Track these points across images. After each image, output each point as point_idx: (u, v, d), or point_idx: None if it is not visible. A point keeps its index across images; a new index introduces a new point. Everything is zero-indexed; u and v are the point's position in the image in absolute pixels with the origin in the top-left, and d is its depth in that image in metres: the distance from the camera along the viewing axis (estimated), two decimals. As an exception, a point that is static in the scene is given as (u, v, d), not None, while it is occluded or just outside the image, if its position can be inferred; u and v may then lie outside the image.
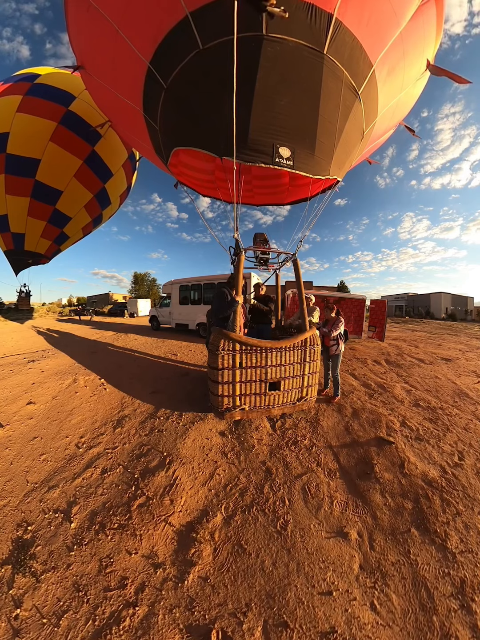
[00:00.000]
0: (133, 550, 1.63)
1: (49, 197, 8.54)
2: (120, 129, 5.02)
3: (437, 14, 2.99)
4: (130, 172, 9.89)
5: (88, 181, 8.70)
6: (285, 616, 1.32)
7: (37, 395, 3.65)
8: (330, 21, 2.52)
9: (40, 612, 1.34)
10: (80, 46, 3.54)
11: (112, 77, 3.47)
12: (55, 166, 7.97)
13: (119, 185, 9.86)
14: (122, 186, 10.05)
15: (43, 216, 8.92)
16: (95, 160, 8.37)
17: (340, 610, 1.36)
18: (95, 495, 2.02)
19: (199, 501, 1.99)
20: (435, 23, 3.06)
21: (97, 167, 8.56)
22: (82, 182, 8.59)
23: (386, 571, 1.55)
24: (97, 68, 3.57)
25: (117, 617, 1.31)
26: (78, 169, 8.23)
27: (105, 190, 9.40)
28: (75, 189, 8.67)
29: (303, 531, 1.76)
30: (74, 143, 7.80)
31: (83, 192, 8.89)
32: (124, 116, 4.11)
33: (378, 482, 2.17)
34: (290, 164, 2.77)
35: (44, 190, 8.30)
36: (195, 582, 1.47)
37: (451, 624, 1.30)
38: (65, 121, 7.61)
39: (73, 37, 3.49)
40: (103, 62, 3.39)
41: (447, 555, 1.63)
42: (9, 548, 1.65)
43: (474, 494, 2.08)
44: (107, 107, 4.38)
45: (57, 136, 7.60)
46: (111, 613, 1.33)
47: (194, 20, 2.49)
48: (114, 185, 9.55)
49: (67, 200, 8.82)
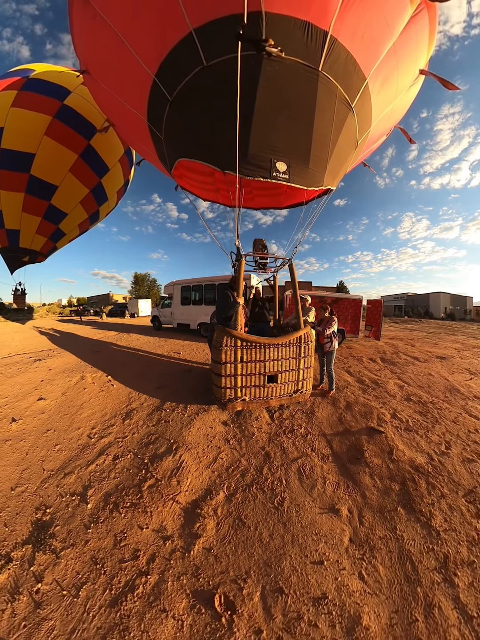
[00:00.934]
0: (144, 525, 1.78)
1: (44, 192, 8.33)
2: (123, 133, 5.09)
3: (430, 21, 3.01)
4: (127, 167, 9.66)
5: (84, 176, 8.51)
6: (280, 583, 1.44)
7: (47, 392, 3.80)
8: (325, 38, 2.63)
9: (60, 585, 1.44)
10: (84, 51, 3.54)
11: (117, 85, 3.55)
12: (50, 160, 7.79)
13: (116, 181, 9.66)
14: (119, 182, 9.83)
15: (38, 212, 8.71)
16: (91, 155, 8.20)
17: (331, 579, 1.48)
18: (109, 479, 2.19)
19: (203, 481, 2.17)
20: (428, 31, 3.09)
21: (93, 162, 8.39)
22: (78, 176, 8.41)
23: (374, 544, 1.68)
24: (102, 74, 3.63)
25: (132, 585, 1.43)
26: (73, 164, 8.06)
27: (102, 186, 9.21)
28: (71, 184, 8.46)
29: (298, 507, 1.93)
30: (69, 137, 7.65)
31: (79, 187, 8.70)
32: (127, 122, 4.20)
33: (368, 466, 2.35)
34: (286, 177, 2.94)
35: (38, 185, 8.10)
36: (200, 552, 1.62)
37: (434, 595, 1.38)
38: (61, 115, 7.45)
39: (77, 41, 3.48)
40: (108, 69, 3.46)
41: (431, 533, 1.74)
42: (28, 529, 1.77)
43: (459, 479, 2.21)
44: (110, 111, 4.43)
45: (52, 130, 7.45)
46: (126, 582, 1.46)
47: (197, 37, 2.60)
48: (111, 180, 9.34)
49: (63, 196, 8.61)
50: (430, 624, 1.27)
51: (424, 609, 1.33)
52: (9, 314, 16.07)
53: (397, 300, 43.16)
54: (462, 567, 1.52)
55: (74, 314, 25.19)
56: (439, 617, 1.29)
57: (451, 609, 1.32)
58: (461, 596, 1.38)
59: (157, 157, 4.19)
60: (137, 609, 1.31)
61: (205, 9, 2.52)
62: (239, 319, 3.07)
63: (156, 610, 1.31)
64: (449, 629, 1.25)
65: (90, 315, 26.00)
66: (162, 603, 1.35)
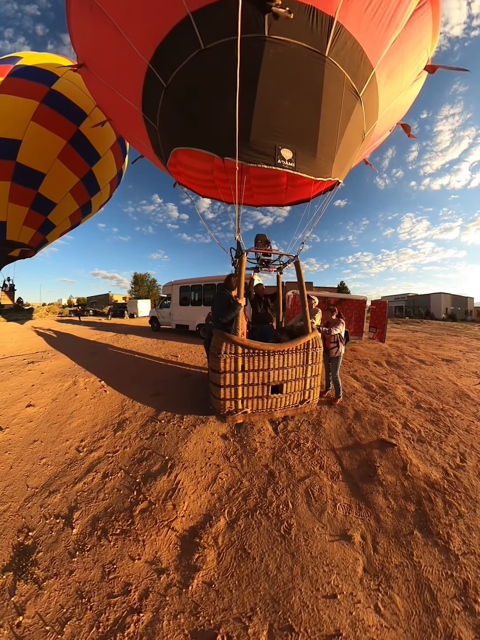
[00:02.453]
0: (136, 555, 1.62)
1: (31, 181, 7.85)
2: (121, 128, 4.96)
3: (433, 16, 2.99)
4: (120, 156, 9.27)
5: (73, 163, 7.91)
6: (290, 620, 1.32)
7: (37, 398, 3.62)
8: (331, 24, 2.53)
9: (43, 619, 1.32)
10: (81, 44, 3.49)
11: (113, 76, 3.45)
12: (37, 147, 7.28)
13: (108, 170, 9.25)
14: (111, 171, 9.41)
15: (25, 202, 8.23)
16: (80, 141, 7.65)
17: (345, 613, 1.36)
18: (97, 500, 2.01)
19: (202, 506, 1.99)
20: (432, 25, 3.08)
21: (83, 148, 7.82)
22: (67, 164, 7.81)
23: (390, 573, 1.55)
24: (98, 67, 3.54)
25: (122, 624, 1.30)
26: (62, 150, 7.52)
27: (93, 174, 8.75)
28: (60, 172, 7.86)
29: (307, 534, 1.75)
30: (57, 122, 7.29)
31: (68, 176, 8.11)
32: (123, 115, 4.09)
33: (381, 484, 2.17)
34: (292, 165, 2.77)
35: (25, 173, 7.65)
36: (200, 587, 1.46)
37: (454, 625, 1.30)
38: (48, 100, 7.09)
39: (75, 35, 3.42)
40: (104, 60, 3.37)
41: (449, 557, 1.63)
42: (10, 554, 1.64)
43: (476, 495, 2.08)
44: (107, 106, 4.35)
45: (39, 115, 6.99)
46: (115, 620, 1.32)
47: (195, 20, 2.48)
48: (103, 169, 8.93)
49: (51, 184, 8.00)
50: None
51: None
52: (8, 314, 15.89)
53: (398, 300, 43.09)
54: None
55: (72, 314, 25.04)
56: None
57: (472, 638, 1.25)
58: None
59: (152, 151, 4.02)
60: (128, 654, 1.15)
61: None
62: (239, 322, 2.82)
63: (149, 656, 1.15)
64: None
65: (89, 316, 25.84)
66: None
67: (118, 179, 10.27)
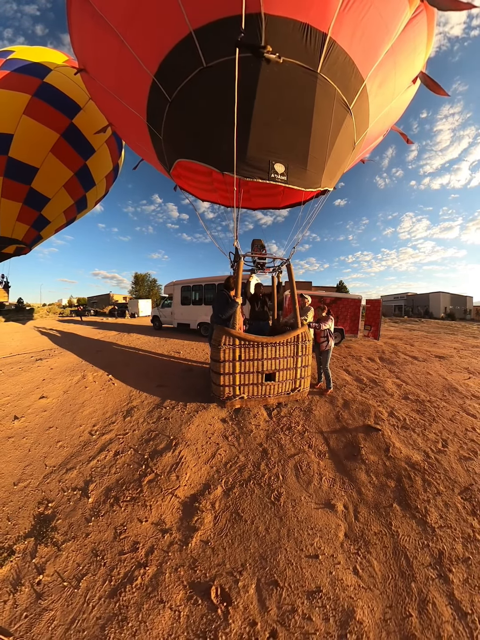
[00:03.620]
0: (144, 518, 1.82)
1: (23, 175, 7.52)
2: (122, 133, 5.06)
3: (428, 23, 2.96)
4: (115, 150, 8.86)
5: (67, 157, 7.67)
6: (276, 575, 1.45)
7: (48, 390, 3.84)
8: (324, 41, 2.62)
9: (62, 576, 1.46)
10: (82, 49, 3.50)
11: (116, 84, 3.52)
12: (29, 141, 7.08)
13: (104, 165, 8.86)
14: (107, 166, 9.00)
15: (18, 197, 7.88)
16: (74, 134, 7.42)
17: (326, 572, 1.47)
18: (110, 474, 2.23)
19: (202, 476, 2.21)
20: (426, 33, 3.08)
21: (76, 142, 7.57)
22: (60, 157, 7.56)
23: (369, 540, 1.68)
24: (100, 73, 3.55)
25: (130, 577, 1.45)
26: (55, 144, 7.30)
27: (88, 169, 8.38)
28: (53, 166, 7.61)
29: (294, 502, 1.95)
30: (50, 115, 6.98)
31: (62, 170, 7.86)
32: (126, 122, 4.17)
33: (364, 462, 2.37)
34: (284, 179, 2.96)
35: (18, 168, 7.34)
36: (198, 545, 1.64)
37: (429, 591, 1.37)
38: (40, 93, 6.78)
39: (75, 39, 3.45)
40: (106, 68, 3.38)
41: (426, 529, 1.73)
42: (31, 523, 1.79)
43: (455, 477, 2.21)
44: (109, 111, 4.40)
45: (31, 109, 6.78)
46: (125, 573, 1.48)
47: (197, 38, 2.60)
48: (98, 163, 8.56)
49: (44, 179, 7.76)
50: (424, 619, 1.26)
51: (418, 604, 1.33)
52: (9, 315, 16.03)
53: (397, 300, 43.09)
54: (457, 564, 1.52)
55: (74, 314, 25.27)
56: (433, 613, 1.29)
57: (445, 605, 1.32)
58: (455, 592, 1.37)
59: (156, 158, 4.20)
60: (136, 600, 1.34)
61: (205, 10, 2.53)
62: (237, 318, 3.12)
63: (154, 601, 1.33)
64: (443, 625, 1.24)
65: (90, 316, 26.07)
66: (159, 594, 1.36)
67: (114, 174, 9.83)
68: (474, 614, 1.29)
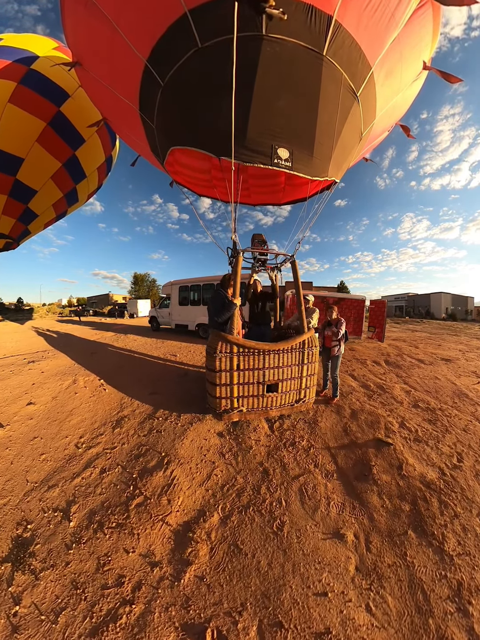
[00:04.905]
0: (130, 548, 1.64)
1: (8, 166, 7.19)
2: (117, 127, 4.92)
3: (434, 17, 2.96)
4: (108, 141, 8.43)
5: (54, 147, 7.30)
6: (280, 616, 1.32)
7: (37, 396, 3.67)
8: (329, 23, 2.51)
9: (39, 609, 1.35)
10: (76, 42, 3.41)
11: (109, 74, 3.41)
12: (14, 130, 6.76)
13: (95, 156, 8.41)
14: (98, 157, 8.55)
15: (2, 189, 7.49)
16: (62, 123, 7.07)
17: (336, 612, 1.35)
18: (94, 495, 2.04)
19: (196, 501, 2.01)
20: (432, 26, 3.04)
21: (64, 131, 7.21)
22: (47, 147, 7.20)
23: (382, 573, 1.54)
24: (94, 64, 3.48)
25: (114, 615, 1.32)
26: (41, 133, 6.96)
27: (77, 159, 7.92)
28: (39, 157, 7.24)
29: (299, 532, 1.76)
30: (36, 103, 6.64)
31: (49, 160, 7.46)
32: (120, 114, 4.05)
33: (376, 483, 2.18)
34: (288, 165, 2.77)
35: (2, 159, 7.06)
36: (192, 581, 1.48)
37: (447, 627, 1.28)
38: (27, 80, 6.46)
39: (69, 32, 3.37)
40: (100, 58, 3.27)
41: (444, 558, 1.62)
42: (8, 546, 1.67)
43: (472, 496, 2.07)
44: (103, 104, 4.29)
45: (16, 97, 6.45)
46: (108, 610, 1.34)
47: (192, 18, 2.47)
48: (88, 154, 8.12)
49: (30, 170, 7.38)
50: None
51: None
52: (8, 315, 15.95)
53: (398, 300, 42.94)
54: (476, 595, 1.42)
55: (73, 314, 25.18)
56: None
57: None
58: (475, 627, 1.28)
59: (149, 149, 4.03)
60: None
61: None
62: (235, 322, 2.84)
63: (140, 647, 1.16)
64: None
65: (89, 316, 25.95)
66: (147, 636, 1.24)
67: (107, 166, 9.24)
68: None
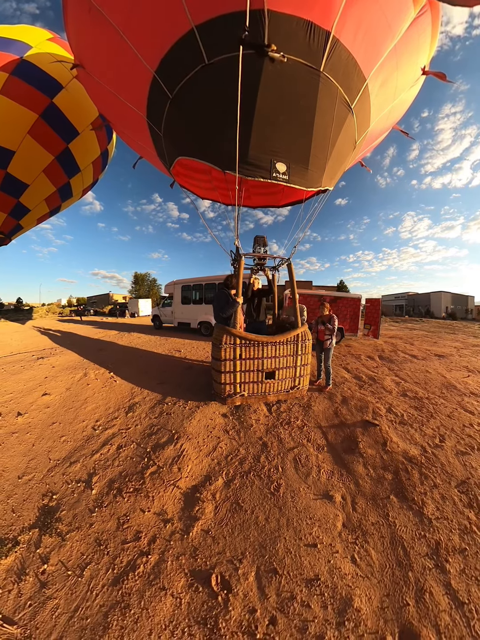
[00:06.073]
0: (146, 509, 1.85)
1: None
2: (120, 130, 4.89)
3: (433, 23, 2.92)
4: (103, 134, 8.12)
5: (46, 140, 7.03)
6: (275, 564, 1.47)
7: (51, 388, 3.88)
8: (327, 39, 2.58)
9: (65, 565, 1.48)
10: (79, 45, 3.37)
11: (114, 80, 3.35)
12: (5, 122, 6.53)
13: (89, 149, 8.07)
14: (93, 151, 8.22)
15: None
16: (55, 115, 6.81)
17: (324, 561, 1.49)
18: (113, 467, 2.27)
19: (203, 468, 2.25)
20: (430, 32, 3.02)
21: (57, 123, 6.96)
22: (39, 140, 6.93)
23: (366, 530, 1.70)
24: (98, 69, 3.41)
25: (133, 565, 1.47)
26: (33, 125, 6.69)
27: (70, 153, 7.62)
28: (31, 149, 6.97)
29: (293, 493, 1.99)
30: (28, 94, 6.41)
31: (40, 153, 7.19)
32: (125, 119, 4.07)
33: (362, 456, 2.41)
34: (286, 178, 2.95)
35: None
36: (199, 534, 1.67)
37: (426, 580, 1.38)
38: (19, 71, 6.25)
39: (71, 34, 3.33)
40: (104, 64, 3.27)
41: (423, 520, 1.74)
42: (35, 515, 1.83)
43: (452, 470, 2.23)
44: (106, 108, 4.19)
45: (7, 88, 6.23)
46: (128, 562, 1.50)
47: (199, 34, 2.54)
48: (82, 147, 7.79)
49: (22, 163, 7.12)
50: (421, 608, 1.27)
51: (415, 593, 1.34)
52: (8, 314, 15.97)
53: (398, 299, 43.04)
54: (453, 554, 1.53)
55: (74, 314, 25.33)
56: (430, 602, 1.29)
57: (442, 594, 1.33)
58: (452, 582, 1.38)
59: (156, 155, 4.14)
60: (138, 587, 1.37)
61: (207, 5, 2.47)
62: (238, 317, 3.16)
63: (156, 589, 1.36)
64: (440, 614, 1.24)
65: (90, 315, 26.13)
66: (161, 582, 1.38)
67: (103, 160, 8.89)
68: (470, 603, 1.28)
